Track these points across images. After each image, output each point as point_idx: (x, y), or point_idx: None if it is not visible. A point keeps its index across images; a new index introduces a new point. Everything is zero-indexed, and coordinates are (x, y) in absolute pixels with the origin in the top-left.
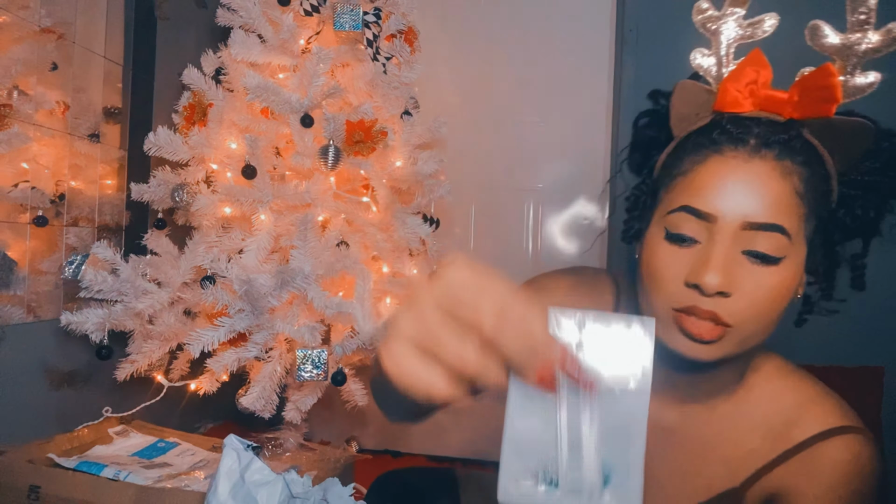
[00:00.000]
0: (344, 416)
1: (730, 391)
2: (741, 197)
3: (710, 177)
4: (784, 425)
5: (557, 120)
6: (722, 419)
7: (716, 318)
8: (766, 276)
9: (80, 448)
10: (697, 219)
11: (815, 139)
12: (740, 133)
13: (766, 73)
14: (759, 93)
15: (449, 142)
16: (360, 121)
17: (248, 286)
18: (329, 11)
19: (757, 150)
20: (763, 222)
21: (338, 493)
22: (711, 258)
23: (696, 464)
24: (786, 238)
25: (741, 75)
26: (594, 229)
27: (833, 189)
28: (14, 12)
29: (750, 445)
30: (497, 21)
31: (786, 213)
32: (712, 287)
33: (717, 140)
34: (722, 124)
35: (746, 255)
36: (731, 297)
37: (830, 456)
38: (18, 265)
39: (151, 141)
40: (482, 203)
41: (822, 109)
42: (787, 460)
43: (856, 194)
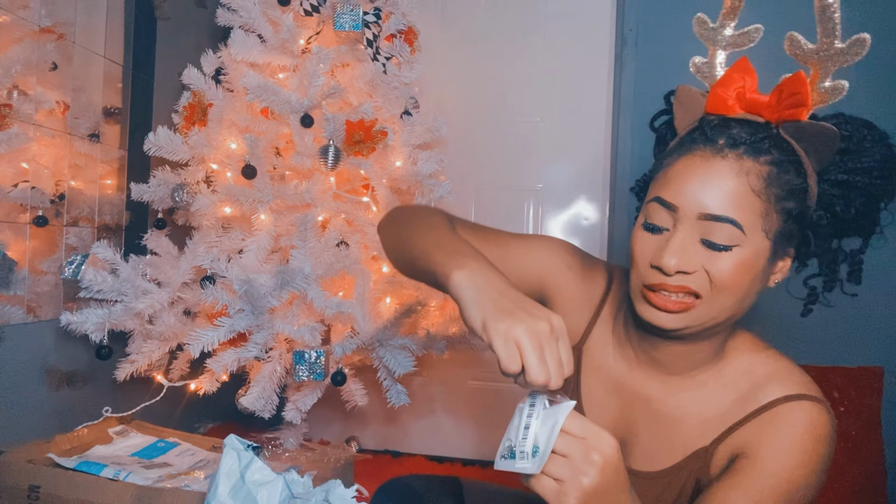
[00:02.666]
0: (344, 416)
1: (708, 366)
2: (699, 191)
3: (677, 172)
4: (751, 390)
5: (557, 120)
6: (700, 387)
7: (687, 290)
8: (720, 260)
9: (80, 448)
10: (665, 209)
11: (793, 139)
12: (713, 134)
13: (751, 78)
14: (745, 96)
15: (449, 142)
16: (360, 121)
17: (248, 286)
18: (329, 11)
19: (720, 150)
20: (716, 214)
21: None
22: (671, 243)
23: (676, 428)
24: (738, 230)
25: (729, 80)
26: (594, 229)
27: (811, 186)
28: (14, 12)
29: (722, 408)
30: (497, 21)
31: (739, 207)
32: (670, 268)
33: (694, 139)
34: (703, 125)
35: (702, 243)
36: (694, 274)
37: (789, 416)
38: (18, 265)
39: (151, 141)
40: (482, 203)
41: (795, 113)
42: (751, 420)
43: (835, 193)
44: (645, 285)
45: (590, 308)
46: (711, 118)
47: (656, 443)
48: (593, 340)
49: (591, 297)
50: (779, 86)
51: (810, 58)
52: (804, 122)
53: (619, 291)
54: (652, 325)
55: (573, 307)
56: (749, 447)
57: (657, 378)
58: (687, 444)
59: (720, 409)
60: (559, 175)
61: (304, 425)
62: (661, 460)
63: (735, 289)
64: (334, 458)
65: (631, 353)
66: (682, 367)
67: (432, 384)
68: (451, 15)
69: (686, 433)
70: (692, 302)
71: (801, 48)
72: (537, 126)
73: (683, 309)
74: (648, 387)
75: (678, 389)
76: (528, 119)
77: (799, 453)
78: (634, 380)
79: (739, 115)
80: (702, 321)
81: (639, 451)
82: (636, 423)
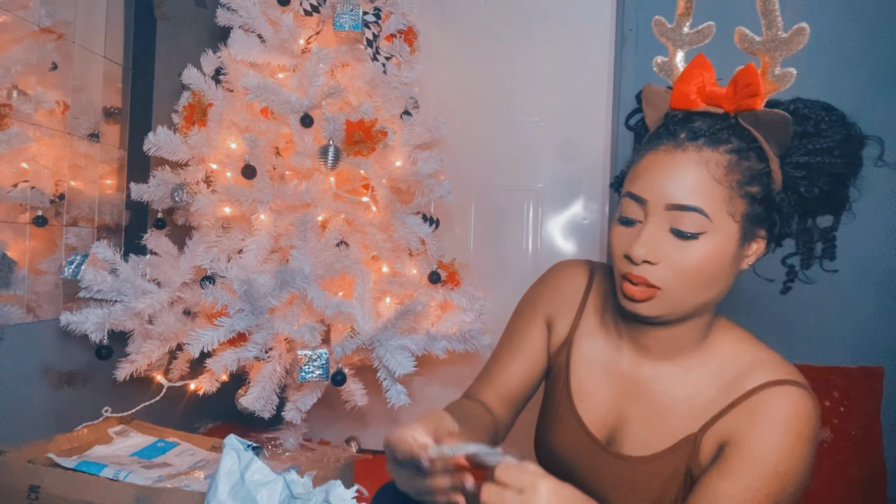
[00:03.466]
0: (344, 416)
1: (693, 349)
2: (664, 183)
3: (644, 167)
4: (737, 377)
5: (557, 120)
6: (687, 373)
7: (646, 283)
8: (688, 249)
9: (80, 448)
10: (635, 202)
11: (752, 126)
12: (676, 129)
13: (709, 73)
14: (705, 90)
15: (449, 142)
16: (359, 121)
17: (247, 286)
18: (329, 11)
19: (681, 144)
20: (682, 204)
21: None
22: (642, 233)
23: (666, 413)
24: (704, 217)
25: (689, 76)
26: (594, 229)
27: (774, 170)
28: (14, 12)
29: (709, 396)
30: (497, 21)
31: (703, 195)
32: (638, 257)
33: (660, 135)
34: (667, 121)
35: (671, 232)
36: (657, 265)
37: (773, 401)
38: (18, 265)
39: (151, 141)
40: (482, 203)
41: (750, 102)
42: (737, 406)
43: (799, 175)
44: (621, 275)
45: (573, 305)
46: (676, 113)
47: (647, 429)
48: (580, 334)
49: (573, 295)
50: (733, 78)
51: (758, 49)
52: (759, 111)
53: (602, 285)
54: (632, 314)
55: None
56: (736, 434)
57: (646, 364)
58: (677, 430)
59: (707, 396)
60: (559, 175)
61: (304, 425)
62: (652, 445)
63: (701, 275)
64: (334, 458)
65: (620, 342)
66: (669, 350)
67: (432, 384)
68: (451, 15)
69: (675, 419)
70: (654, 291)
71: (749, 41)
72: (537, 126)
73: (648, 297)
74: (638, 374)
75: (667, 375)
76: (528, 119)
77: (784, 437)
78: (624, 368)
79: (702, 109)
80: (674, 307)
81: (630, 438)
82: (627, 410)
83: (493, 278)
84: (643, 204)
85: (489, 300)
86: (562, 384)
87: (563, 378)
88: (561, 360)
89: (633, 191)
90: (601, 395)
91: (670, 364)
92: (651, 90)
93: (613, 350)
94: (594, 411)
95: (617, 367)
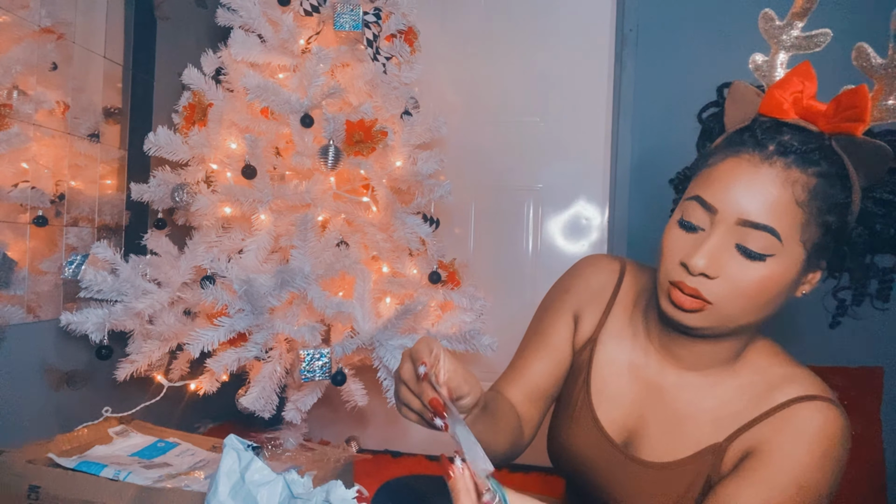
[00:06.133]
0: (344, 416)
1: (725, 365)
2: (741, 196)
3: (721, 173)
4: (767, 390)
5: (557, 120)
6: (715, 385)
7: (698, 295)
8: (751, 269)
9: (80, 448)
10: (704, 209)
11: (844, 153)
12: (764, 138)
13: (811, 84)
14: (802, 102)
15: (449, 142)
16: (360, 121)
17: (248, 286)
18: (329, 11)
19: (769, 157)
20: (755, 222)
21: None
22: (704, 244)
23: (688, 422)
24: (775, 239)
25: (788, 84)
26: (594, 229)
27: (854, 202)
28: (14, 12)
29: (737, 407)
30: (497, 21)
31: (779, 217)
32: (697, 268)
33: (744, 141)
34: (754, 127)
35: (737, 248)
36: (714, 280)
37: (804, 416)
38: (18, 265)
39: (151, 141)
40: (482, 203)
41: (851, 127)
42: (766, 419)
43: (878, 211)
44: (670, 281)
45: (601, 302)
46: (764, 120)
47: (667, 436)
48: (607, 333)
49: (602, 291)
50: (838, 97)
51: (877, 73)
52: (859, 138)
53: (633, 284)
54: (675, 322)
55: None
56: (762, 445)
57: (673, 372)
58: (699, 440)
59: (734, 407)
60: (559, 175)
61: (304, 425)
62: (671, 453)
63: (758, 298)
64: (334, 458)
65: (649, 346)
66: (700, 363)
67: None
68: (451, 15)
69: (698, 429)
70: (704, 304)
71: (868, 61)
72: (537, 126)
73: (698, 308)
74: (663, 380)
75: (693, 385)
76: (528, 119)
77: (812, 453)
78: (650, 372)
79: (793, 121)
80: (722, 323)
81: (649, 443)
82: (648, 415)
83: (494, 278)
84: (713, 213)
85: (489, 300)
86: (581, 382)
87: (583, 376)
88: (583, 357)
89: (704, 196)
90: (622, 398)
91: (698, 374)
92: (739, 88)
93: (640, 353)
94: (613, 413)
95: (642, 370)
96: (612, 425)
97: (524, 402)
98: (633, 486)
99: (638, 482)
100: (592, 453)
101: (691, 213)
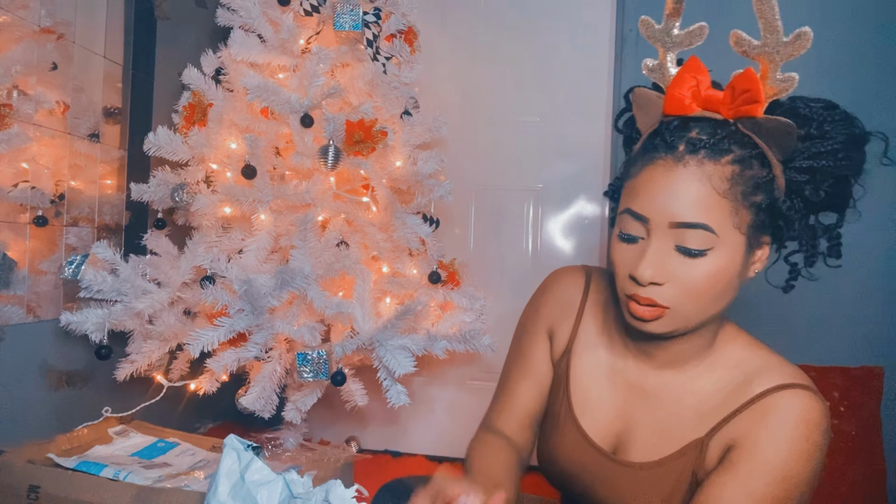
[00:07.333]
0: (344, 416)
1: (700, 356)
2: (666, 201)
3: (642, 183)
4: (744, 382)
5: (557, 120)
6: (694, 380)
7: (653, 304)
8: (696, 267)
9: (80, 448)
10: (636, 220)
11: (752, 133)
12: (673, 140)
13: (703, 76)
14: (701, 94)
15: (449, 142)
16: (360, 121)
17: (248, 286)
18: (329, 11)
19: (681, 158)
20: (687, 222)
21: (340, 495)
22: (645, 254)
23: (672, 420)
24: (710, 233)
25: (682, 81)
26: (594, 229)
27: (777, 176)
28: (14, 12)
29: (716, 400)
30: (497, 21)
31: (708, 211)
32: (645, 278)
33: (656, 146)
34: (662, 129)
35: (677, 250)
36: (665, 286)
37: (782, 405)
38: (18, 265)
39: (151, 141)
40: (482, 203)
41: (749, 109)
42: (745, 410)
43: (803, 179)
44: (626, 295)
45: (571, 313)
46: (670, 120)
47: (653, 435)
48: (580, 342)
49: (570, 303)
50: (730, 83)
51: (757, 53)
52: (760, 118)
53: (600, 291)
54: (641, 332)
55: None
56: (743, 438)
57: (651, 372)
58: (683, 436)
59: (714, 401)
60: (559, 175)
61: (304, 425)
62: (659, 451)
63: (711, 291)
64: (334, 458)
65: (626, 350)
66: (677, 360)
67: (432, 384)
68: (451, 15)
69: (682, 425)
70: (662, 311)
71: (746, 45)
72: (537, 126)
73: (657, 316)
74: (643, 381)
75: (673, 383)
76: (528, 119)
77: (793, 441)
78: (630, 376)
79: (698, 114)
80: (684, 323)
81: (638, 445)
82: (634, 417)
83: (493, 278)
84: (645, 222)
85: (489, 300)
86: (562, 394)
87: (563, 388)
88: (561, 369)
89: (633, 208)
90: (605, 404)
91: (677, 371)
92: (642, 94)
93: (618, 358)
94: (598, 420)
95: (621, 374)
96: (598, 433)
97: (518, 431)
98: (622, 488)
99: (627, 484)
100: (581, 462)
101: (627, 226)
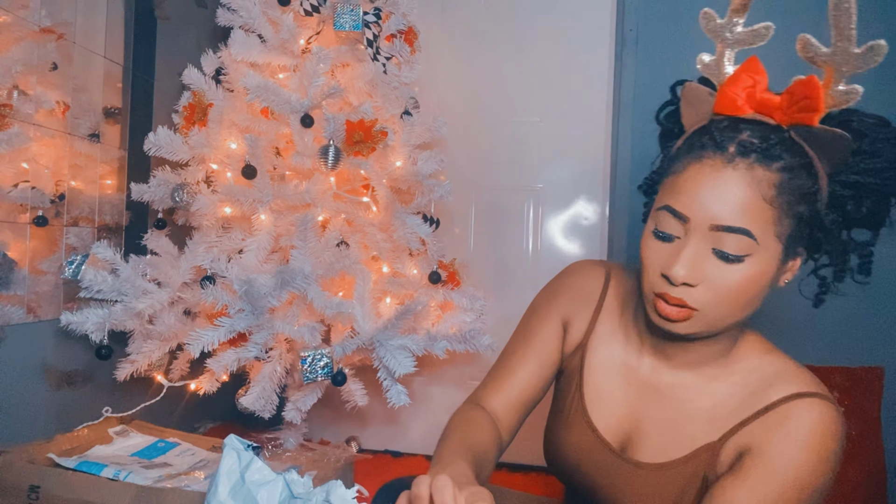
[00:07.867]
0: (344, 416)
1: (718, 362)
2: (711, 202)
3: (686, 181)
4: (761, 388)
5: (557, 120)
6: (710, 383)
7: (683, 304)
8: (731, 272)
9: (80, 448)
10: (675, 218)
11: (804, 143)
12: (723, 140)
13: (761, 78)
14: (756, 96)
15: (449, 142)
16: (360, 121)
17: (248, 286)
18: (329, 11)
19: (731, 160)
20: (729, 225)
21: (340, 495)
22: (681, 254)
23: (684, 421)
24: (751, 239)
25: (738, 80)
26: (594, 229)
27: (822, 188)
28: (14, 12)
29: (731, 405)
30: (497, 21)
31: (751, 217)
32: (678, 278)
33: (704, 144)
34: (711, 128)
35: (714, 253)
36: (697, 287)
37: (798, 414)
38: (18, 265)
39: (151, 141)
40: (482, 203)
41: (806, 117)
42: (760, 416)
43: (847, 194)
44: (654, 293)
45: (590, 307)
46: (720, 119)
47: (664, 436)
48: (597, 337)
49: (589, 297)
50: (790, 88)
51: (824, 61)
52: (816, 128)
53: (619, 288)
54: (665, 331)
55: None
56: (757, 444)
57: (667, 371)
58: (695, 439)
59: (729, 406)
60: (559, 175)
61: (304, 425)
62: (668, 453)
63: (742, 297)
64: (334, 458)
65: (641, 347)
66: (694, 362)
67: (432, 384)
68: (451, 15)
69: (694, 427)
70: (690, 312)
71: (814, 51)
72: (537, 126)
73: (685, 317)
74: (657, 380)
75: (688, 384)
76: (528, 119)
77: (807, 450)
78: (644, 374)
79: (749, 116)
80: (710, 326)
81: (647, 444)
82: (644, 416)
83: (494, 278)
84: (685, 221)
85: (489, 300)
86: (574, 388)
87: (576, 382)
88: (574, 362)
89: (674, 206)
90: (617, 401)
91: (692, 373)
92: (692, 89)
93: (633, 355)
94: (608, 417)
95: (635, 372)
96: (608, 429)
97: (504, 412)
98: (630, 488)
99: (635, 484)
100: (589, 458)
101: (664, 223)
